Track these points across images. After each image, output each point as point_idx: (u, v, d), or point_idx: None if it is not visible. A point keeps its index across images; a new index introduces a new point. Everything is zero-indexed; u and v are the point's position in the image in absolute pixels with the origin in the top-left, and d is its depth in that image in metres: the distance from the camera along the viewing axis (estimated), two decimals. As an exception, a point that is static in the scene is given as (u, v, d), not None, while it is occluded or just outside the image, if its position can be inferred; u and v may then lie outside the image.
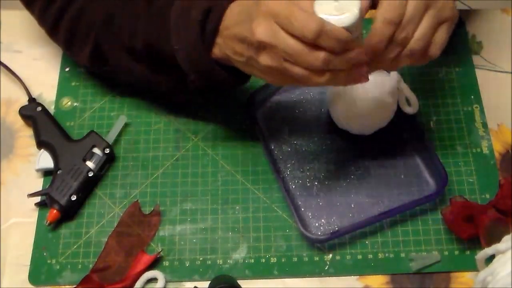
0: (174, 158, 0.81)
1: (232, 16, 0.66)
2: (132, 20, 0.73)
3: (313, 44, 0.59)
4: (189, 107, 0.83)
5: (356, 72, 0.63)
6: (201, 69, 0.70)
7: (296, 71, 0.62)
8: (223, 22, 0.67)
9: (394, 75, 0.77)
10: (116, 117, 0.82)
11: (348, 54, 0.60)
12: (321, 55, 0.60)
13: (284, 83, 0.68)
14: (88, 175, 0.77)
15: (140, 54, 0.74)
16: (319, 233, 0.74)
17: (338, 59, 0.60)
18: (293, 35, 0.60)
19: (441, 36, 0.64)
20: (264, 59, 0.63)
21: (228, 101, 0.84)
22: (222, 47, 0.67)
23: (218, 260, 0.74)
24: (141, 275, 0.73)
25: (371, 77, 0.67)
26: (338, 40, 0.59)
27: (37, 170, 0.80)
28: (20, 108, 0.83)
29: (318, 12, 0.59)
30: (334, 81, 0.63)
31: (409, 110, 0.79)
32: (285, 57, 0.61)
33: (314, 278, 0.73)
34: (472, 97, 0.83)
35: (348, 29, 0.59)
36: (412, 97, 0.79)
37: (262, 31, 0.61)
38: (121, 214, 0.77)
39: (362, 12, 0.60)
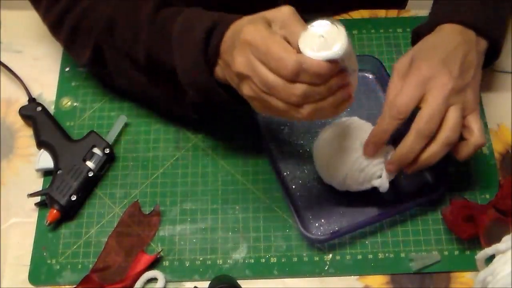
0: (174, 158, 0.81)
1: (227, 38, 0.65)
2: (135, 29, 0.72)
3: (292, 79, 0.58)
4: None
5: (341, 97, 0.62)
6: (201, 88, 0.69)
7: (275, 103, 0.61)
8: (224, 44, 0.65)
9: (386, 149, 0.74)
10: (116, 117, 0.82)
11: (329, 82, 0.60)
12: (299, 89, 0.59)
13: (268, 113, 0.64)
14: (88, 175, 0.77)
15: (140, 63, 0.73)
16: (319, 233, 0.74)
17: (319, 89, 0.59)
18: (271, 70, 0.59)
19: (475, 124, 0.69)
20: (245, 89, 0.62)
21: (228, 101, 0.84)
22: (222, 70, 0.66)
23: (218, 260, 0.74)
24: (141, 275, 0.73)
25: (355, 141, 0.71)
26: (317, 75, 0.58)
27: (37, 170, 0.80)
28: (20, 108, 0.83)
29: (303, 48, 0.58)
30: (318, 114, 0.62)
31: (378, 182, 0.72)
32: (264, 89, 0.60)
33: (314, 278, 0.73)
34: (472, 97, 0.83)
35: (336, 60, 0.58)
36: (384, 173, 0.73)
37: (240, 62, 0.60)
38: (121, 214, 0.77)
39: (350, 42, 0.59)
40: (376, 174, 0.72)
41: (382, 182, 0.72)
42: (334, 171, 0.72)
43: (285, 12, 0.61)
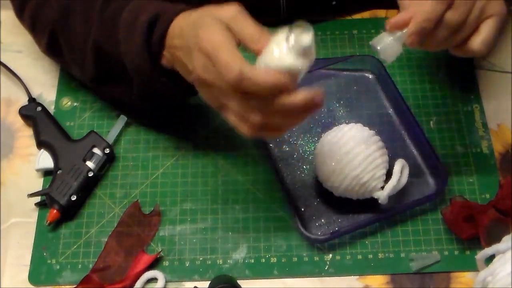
0: (174, 158, 0.81)
1: (175, 35, 0.66)
2: (86, 22, 0.74)
3: (236, 86, 0.58)
4: (189, 107, 0.83)
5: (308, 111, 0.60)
6: (146, 76, 0.70)
7: (230, 105, 0.61)
8: (170, 38, 0.66)
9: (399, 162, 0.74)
10: (116, 117, 0.82)
11: (284, 99, 0.58)
12: (250, 101, 0.58)
13: (220, 112, 0.64)
14: (88, 175, 0.77)
15: (90, 56, 0.74)
16: (319, 233, 0.74)
17: (273, 104, 0.58)
18: (218, 75, 0.59)
19: (487, 30, 0.64)
20: (202, 91, 0.64)
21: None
22: (170, 61, 0.67)
23: (218, 260, 0.74)
24: (141, 275, 0.73)
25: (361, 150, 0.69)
26: (263, 87, 0.57)
27: (37, 170, 0.80)
28: (20, 108, 0.83)
29: (271, 47, 0.58)
30: (265, 128, 0.61)
31: (378, 195, 0.72)
32: (221, 92, 0.60)
33: (314, 278, 0.73)
34: (472, 97, 0.83)
35: (294, 71, 0.57)
36: (388, 188, 0.72)
37: (199, 67, 0.61)
38: (121, 214, 0.77)
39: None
40: (377, 187, 0.72)
41: (382, 197, 0.72)
42: (335, 183, 0.72)
43: (233, 11, 0.61)
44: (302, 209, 0.76)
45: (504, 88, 0.84)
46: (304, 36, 0.57)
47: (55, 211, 0.76)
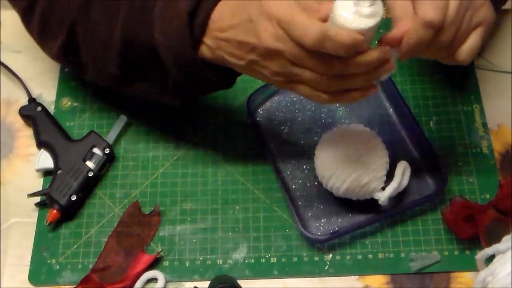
0: (174, 158, 0.81)
1: (224, 16, 0.62)
2: (112, 9, 0.69)
3: (315, 48, 0.57)
4: (189, 107, 0.83)
5: (379, 73, 0.61)
6: (185, 63, 0.66)
7: (304, 75, 0.60)
8: (215, 22, 0.63)
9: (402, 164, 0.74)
10: (116, 117, 0.82)
11: (362, 57, 0.58)
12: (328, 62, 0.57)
13: (289, 87, 0.63)
14: (88, 175, 0.77)
15: (116, 47, 0.69)
16: (319, 233, 0.74)
17: (350, 64, 0.58)
18: (294, 40, 0.57)
19: (474, 41, 0.61)
20: (272, 64, 0.61)
21: (228, 101, 0.84)
22: (213, 49, 0.64)
23: (218, 260, 0.74)
24: (141, 275, 0.73)
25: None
26: (344, 46, 0.56)
27: (37, 170, 0.80)
28: (20, 108, 0.83)
29: (338, 12, 0.56)
30: (345, 93, 0.61)
31: (379, 195, 0.72)
32: (295, 61, 0.59)
33: (314, 278, 0.73)
34: (472, 97, 0.83)
35: (366, 32, 0.57)
36: (390, 189, 0.72)
37: (268, 37, 0.58)
38: (121, 214, 0.77)
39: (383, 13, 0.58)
40: (378, 188, 0.72)
41: (383, 198, 0.72)
42: (335, 184, 0.72)
43: None
44: (302, 209, 0.76)
45: (504, 88, 0.84)
46: None
47: (55, 211, 0.76)
